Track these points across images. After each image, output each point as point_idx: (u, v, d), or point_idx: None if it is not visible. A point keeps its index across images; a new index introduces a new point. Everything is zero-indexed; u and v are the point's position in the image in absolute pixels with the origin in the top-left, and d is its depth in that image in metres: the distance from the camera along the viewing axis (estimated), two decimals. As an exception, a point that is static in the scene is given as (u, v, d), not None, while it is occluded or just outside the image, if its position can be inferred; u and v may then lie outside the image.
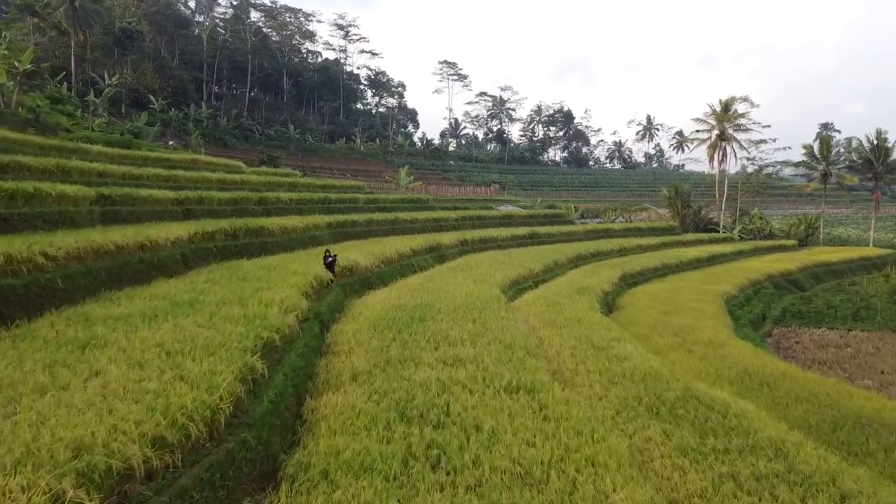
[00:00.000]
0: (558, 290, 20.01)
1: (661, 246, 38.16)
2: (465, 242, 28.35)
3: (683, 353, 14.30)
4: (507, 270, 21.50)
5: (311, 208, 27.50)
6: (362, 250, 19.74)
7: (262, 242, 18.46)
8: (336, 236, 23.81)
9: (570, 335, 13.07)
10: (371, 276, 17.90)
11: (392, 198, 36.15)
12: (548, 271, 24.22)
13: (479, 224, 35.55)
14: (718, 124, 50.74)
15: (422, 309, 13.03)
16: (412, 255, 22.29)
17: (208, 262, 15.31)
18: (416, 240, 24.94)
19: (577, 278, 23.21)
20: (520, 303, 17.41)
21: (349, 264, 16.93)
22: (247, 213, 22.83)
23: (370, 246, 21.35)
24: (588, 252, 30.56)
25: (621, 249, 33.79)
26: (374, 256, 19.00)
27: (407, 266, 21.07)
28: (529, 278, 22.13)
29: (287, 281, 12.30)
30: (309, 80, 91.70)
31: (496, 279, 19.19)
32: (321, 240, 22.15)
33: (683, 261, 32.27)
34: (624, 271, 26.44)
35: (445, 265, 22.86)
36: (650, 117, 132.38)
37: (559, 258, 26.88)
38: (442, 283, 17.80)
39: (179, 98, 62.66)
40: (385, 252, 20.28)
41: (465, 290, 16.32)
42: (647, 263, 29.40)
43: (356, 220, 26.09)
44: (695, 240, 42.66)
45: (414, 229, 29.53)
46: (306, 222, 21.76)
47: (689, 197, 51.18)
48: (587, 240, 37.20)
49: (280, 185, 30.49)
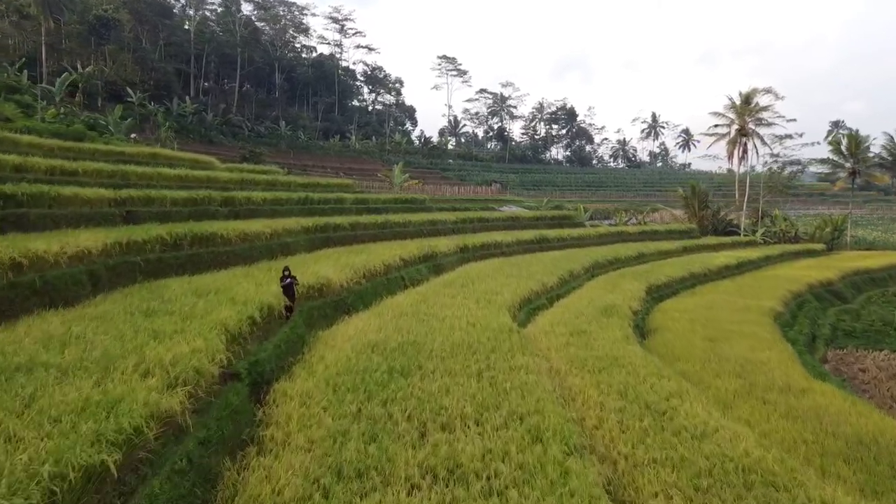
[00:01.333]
0: (579, 309, 16.41)
1: (682, 251, 34.57)
2: (466, 249, 24.75)
3: (758, 406, 10.71)
4: (515, 285, 17.91)
5: (288, 210, 23.98)
6: (340, 261, 16.14)
7: (214, 253, 14.85)
8: (314, 243, 20.22)
9: (610, 386, 9.49)
10: (348, 297, 14.28)
11: (384, 198, 32.56)
12: (563, 284, 20.63)
13: (480, 227, 31.96)
14: (738, 118, 47.04)
15: (407, 351, 9.44)
16: (402, 267, 18.68)
17: (131, 282, 11.74)
18: (409, 246, 21.35)
19: (599, 293, 19.61)
20: (536, 330, 13.81)
21: (319, 281, 13.31)
22: (208, 216, 19.31)
23: (352, 255, 17.76)
24: (605, 259, 26.96)
25: (640, 256, 30.20)
26: (354, 269, 15.39)
27: (395, 280, 17.46)
28: (543, 294, 18.53)
29: (216, 315, 8.70)
30: (302, 75, 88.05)
31: (504, 298, 15.60)
32: (294, 248, 18.55)
33: (711, 269, 28.67)
34: (649, 283, 22.85)
35: (442, 278, 19.25)
36: (655, 115, 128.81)
37: (574, 267, 23.28)
38: (437, 304, 14.21)
39: (162, 92, 59.04)
40: (369, 263, 16.68)
41: (467, 317, 12.73)
42: (673, 272, 25.80)
43: (339, 224, 22.49)
44: (717, 244, 39.05)
45: (407, 233, 25.94)
46: (276, 227, 18.14)
47: (706, 197, 47.53)
48: (600, 244, 33.61)
49: (256, 184, 26.91)
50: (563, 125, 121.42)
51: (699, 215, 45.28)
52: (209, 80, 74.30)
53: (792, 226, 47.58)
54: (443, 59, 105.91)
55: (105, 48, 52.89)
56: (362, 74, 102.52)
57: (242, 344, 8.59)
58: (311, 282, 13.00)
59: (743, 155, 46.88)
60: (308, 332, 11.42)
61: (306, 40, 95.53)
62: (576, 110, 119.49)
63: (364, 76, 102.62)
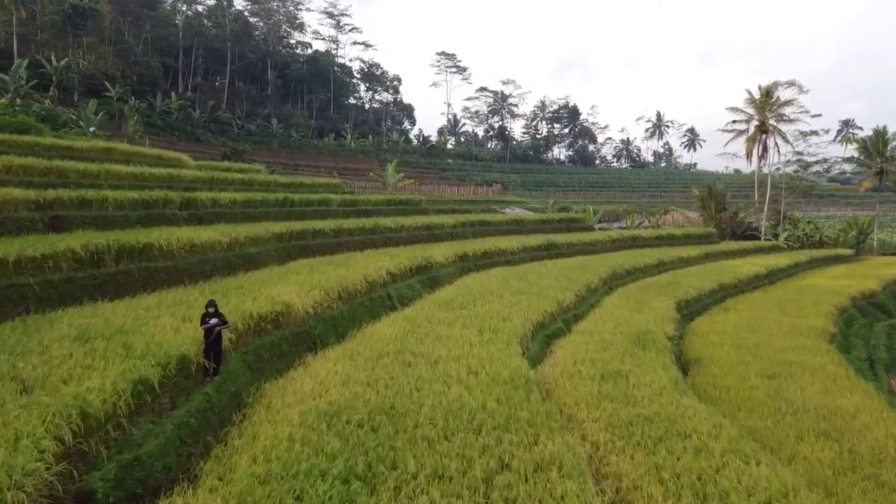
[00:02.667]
0: (606, 337, 13.35)
1: (704, 258, 31.50)
2: (466, 257, 21.69)
3: (872, 490, 7.67)
4: (526, 304, 14.85)
5: (262, 213, 20.97)
6: (313, 277, 13.08)
7: (148, 270, 11.79)
8: (287, 253, 17.18)
9: (678, 477, 6.47)
10: (315, 326, 11.20)
11: (375, 199, 29.51)
12: (580, 301, 17.55)
13: (481, 231, 28.89)
14: (759, 114, 43.98)
15: (380, 429, 6.40)
16: (389, 282, 15.60)
17: (10, 315, 8.69)
18: (400, 256, 18.28)
19: (623, 313, 16.55)
20: (556, 372, 10.73)
21: (275, 309, 10.23)
22: (163, 221, 16.33)
23: (330, 268, 14.70)
24: (623, 269, 23.89)
25: (659, 264, 27.13)
26: (327, 289, 12.30)
27: (380, 301, 14.39)
28: (559, 315, 15.46)
29: (82, 384, 5.63)
30: (297, 71, 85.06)
31: (513, 325, 12.53)
32: (261, 259, 15.50)
33: (741, 279, 25.60)
34: (677, 297, 19.80)
35: (438, 294, 16.17)
36: (660, 114, 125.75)
37: (590, 279, 20.20)
38: (429, 336, 11.15)
39: (145, 87, 55.99)
40: (348, 279, 13.61)
41: (468, 358, 9.68)
42: (700, 284, 22.73)
43: (320, 230, 19.40)
44: (739, 249, 35.96)
45: (399, 239, 22.90)
46: (238, 234, 15.07)
47: (724, 198, 44.37)
48: (614, 250, 30.54)
49: (229, 183, 23.88)
50: (566, 124, 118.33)
51: (717, 218, 42.17)
52: (198, 76, 71.19)
53: (816, 229, 44.48)
54: (442, 55, 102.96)
55: (83, 40, 49.84)
56: (359, 71, 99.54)
57: (119, 432, 5.51)
58: (265, 310, 9.93)
59: (763, 153, 43.80)
60: (250, 384, 8.35)
61: (301, 36, 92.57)
62: (578, 109, 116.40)
63: (361, 73, 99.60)
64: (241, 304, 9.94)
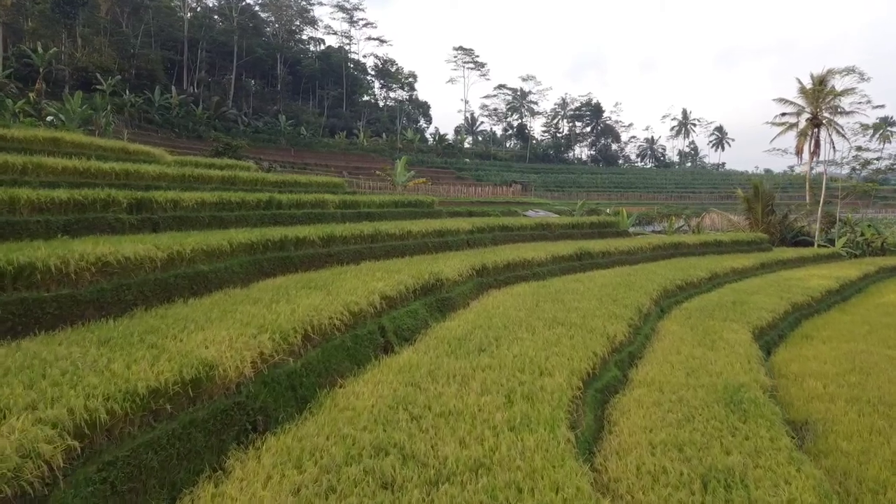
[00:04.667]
0: (684, 396, 9.43)
1: (759, 268, 27.26)
2: (484, 271, 17.87)
3: None
4: (567, 343, 10.95)
5: (239, 217, 17.37)
6: (273, 310, 9.36)
7: (22, 305, 8.15)
8: (260, 268, 13.56)
9: None
10: (257, 396, 7.37)
11: (380, 200, 25.78)
12: (635, 332, 13.59)
13: (503, 237, 25.03)
14: (811, 106, 39.48)
15: None
16: (385, 310, 11.80)
17: None
18: (403, 271, 14.52)
19: (693, 349, 12.56)
20: (628, 471, 6.80)
21: (186, 375, 6.46)
22: (100, 228, 12.83)
23: (302, 294, 10.98)
24: (673, 284, 19.84)
25: (713, 276, 23.00)
26: (284, 332, 8.49)
27: (368, 339, 10.58)
28: (611, 356, 11.52)
29: None
30: (308, 67, 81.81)
31: (556, 382, 8.63)
32: (214, 280, 11.82)
33: (814, 296, 21.38)
34: (750, 324, 15.75)
35: (448, 326, 12.34)
36: (686, 111, 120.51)
37: (639, 300, 16.20)
38: (430, 412, 7.30)
39: (144, 81, 53.02)
40: (324, 310, 9.83)
41: (491, 464, 5.86)
42: (770, 304, 18.60)
43: (304, 238, 15.65)
44: (796, 258, 31.56)
45: (405, 249, 19.17)
46: (182, 247, 11.38)
47: (772, 199, 39.85)
48: (655, 259, 26.47)
49: (205, 182, 20.39)
50: (588, 122, 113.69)
51: (765, 221, 37.77)
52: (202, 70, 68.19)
53: (878, 234, 39.80)
54: (459, 50, 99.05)
55: (76, 30, 46.89)
56: (373, 68, 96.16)
57: None
58: (168, 376, 6.19)
59: (815, 149, 39.25)
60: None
61: (313, 32, 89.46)
62: (602, 106, 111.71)
63: (375, 70, 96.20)
64: (130, 369, 6.22)
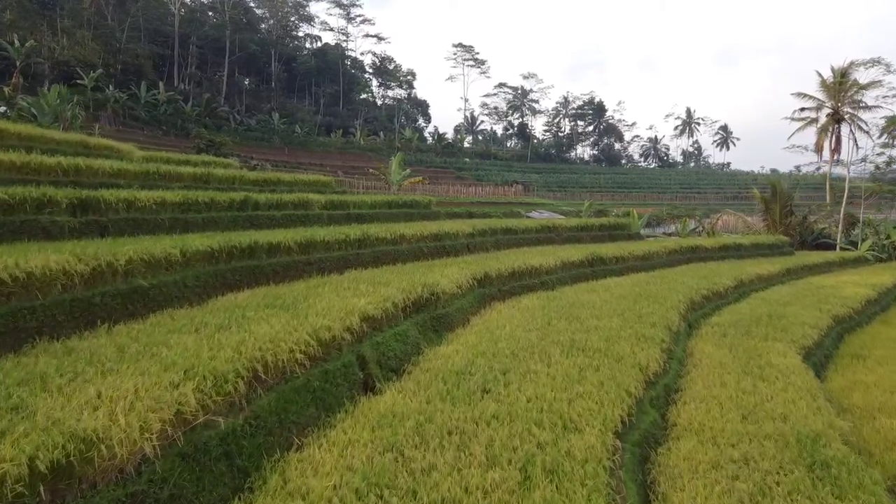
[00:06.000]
0: (748, 452, 7.24)
1: (785, 274, 25.08)
2: (487, 280, 15.69)
3: None
4: (593, 379, 8.77)
5: (207, 220, 15.19)
6: (222, 336, 7.19)
7: None
8: (222, 281, 11.40)
9: None
10: (169, 474, 5.19)
11: (372, 200, 23.59)
12: (665, 354, 11.36)
13: (506, 241, 22.85)
14: (831, 100, 37.30)
15: None
16: (367, 334, 9.60)
17: None
18: (392, 283, 12.34)
19: (740, 380, 10.35)
20: None
21: (54, 456, 4.26)
22: (33, 232, 10.70)
23: (265, 316, 8.80)
24: (699, 294, 17.65)
25: (739, 284, 20.82)
26: (219, 375, 6.27)
27: (342, 375, 8.34)
28: (645, 393, 9.30)
29: None
30: (304, 64, 79.63)
31: (586, 442, 6.45)
32: (157, 298, 9.62)
33: (853, 307, 19.18)
34: (797, 343, 13.57)
35: (445, 354, 10.14)
36: (690, 110, 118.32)
37: (665, 314, 14.01)
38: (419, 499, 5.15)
39: (131, 77, 50.87)
40: (288, 339, 7.61)
41: None
42: (810, 317, 16.39)
43: (280, 244, 13.45)
44: (822, 262, 29.35)
45: (397, 255, 17.00)
46: (114, 257, 9.17)
47: (790, 200, 37.59)
48: (672, 265, 24.31)
49: (175, 179, 18.24)
50: (591, 121, 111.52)
51: (783, 223, 35.58)
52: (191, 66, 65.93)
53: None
54: (458, 47, 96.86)
55: (57, 23, 44.75)
56: (370, 66, 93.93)
57: None
58: (25, 464, 3.99)
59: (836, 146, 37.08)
60: None
61: (309, 29, 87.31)
62: (604, 104, 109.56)
63: (373, 67, 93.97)
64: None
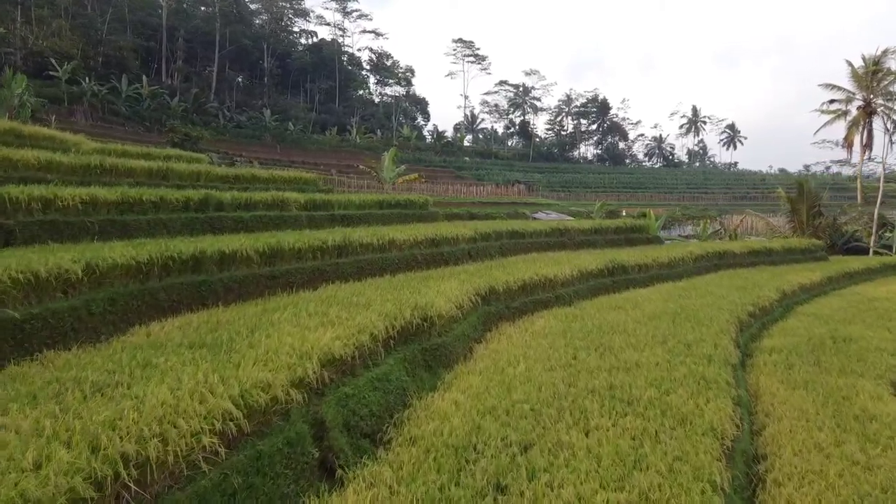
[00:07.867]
0: None
1: (827, 284, 22.33)
2: (492, 296, 12.94)
3: None
4: (651, 449, 6.02)
5: (154, 222, 12.41)
6: (88, 408, 4.38)
7: None
8: (152, 302, 8.68)
9: None
10: None
11: (360, 200, 20.83)
12: (734, 403, 8.56)
13: (512, 246, 20.11)
14: (863, 91, 34.56)
15: None
16: (330, 383, 6.83)
17: None
18: (375, 304, 9.58)
19: (842, 443, 7.54)
20: None
21: None
22: None
23: (176, 362, 6.03)
24: (744, 311, 14.90)
25: (783, 297, 18.04)
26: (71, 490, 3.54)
27: (286, 459, 5.52)
28: (724, 475, 6.51)
29: None
30: (298, 60, 76.94)
31: None
32: (44, 334, 6.83)
33: (921, 324, 16.40)
34: (885, 379, 10.81)
35: (438, 410, 7.35)
36: (696, 109, 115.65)
37: (716, 340, 11.28)
38: None
39: (112, 70, 48.17)
40: (198, 409, 4.87)
41: None
42: (887, 343, 13.63)
43: (236, 253, 10.69)
44: (863, 269, 26.56)
45: (386, 264, 14.27)
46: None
47: (818, 200, 34.79)
48: (700, 272, 21.58)
49: (125, 175, 15.53)
50: (594, 119, 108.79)
51: (811, 225, 32.86)
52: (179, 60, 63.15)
53: (944, 241, 34.96)
54: (458, 42, 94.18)
55: (31, 11, 42.04)
56: (368, 62, 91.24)
57: None
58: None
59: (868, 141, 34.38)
60: None
61: (305, 24, 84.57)
62: (608, 102, 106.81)
63: (370, 64, 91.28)
64: None
